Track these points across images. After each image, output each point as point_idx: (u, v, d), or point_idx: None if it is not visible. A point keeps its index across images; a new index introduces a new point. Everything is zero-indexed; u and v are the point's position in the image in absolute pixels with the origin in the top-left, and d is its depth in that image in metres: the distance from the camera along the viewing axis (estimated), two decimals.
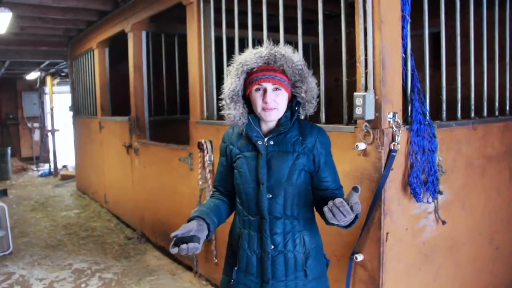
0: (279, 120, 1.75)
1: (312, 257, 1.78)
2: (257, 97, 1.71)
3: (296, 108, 1.76)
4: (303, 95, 1.74)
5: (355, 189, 1.48)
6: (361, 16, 2.24)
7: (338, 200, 1.48)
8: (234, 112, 1.74)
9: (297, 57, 1.75)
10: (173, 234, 1.56)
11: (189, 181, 3.86)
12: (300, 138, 1.75)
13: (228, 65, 1.87)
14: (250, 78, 1.72)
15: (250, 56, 1.73)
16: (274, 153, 1.74)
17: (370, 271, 2.34)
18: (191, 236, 1.59)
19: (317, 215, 1.84)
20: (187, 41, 3.79)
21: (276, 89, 1.70)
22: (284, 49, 1.74)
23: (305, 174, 1.75)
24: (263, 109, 1.70)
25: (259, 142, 1.74)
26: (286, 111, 1.75)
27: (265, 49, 1.74)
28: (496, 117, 3.02)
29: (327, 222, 1.74)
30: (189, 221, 1.69)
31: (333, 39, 2.89)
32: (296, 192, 1.74)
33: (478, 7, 2.92)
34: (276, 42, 1.84)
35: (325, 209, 1.50)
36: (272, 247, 1.74)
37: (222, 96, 1.79)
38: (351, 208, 1.47)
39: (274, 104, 1.69)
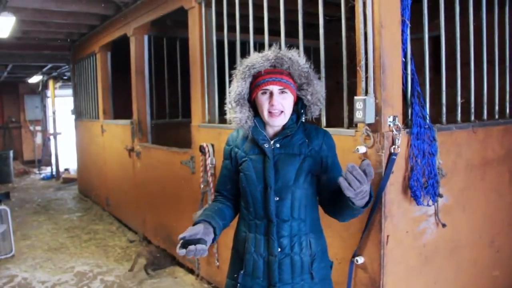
0: (285, 122, 1.76)
1: (318, 260, 1.78)
2: (263, 101, 1.71)
3: (302, 110, 1.77)
4: (309, 97, 1.75)
5: (363, 160, 1.48)
6: (361, 21, 2.26)
7: (349, 165, 1.45)
8: (240, 115, 1.75)
9: (303, 60, 1.77)
10: (180, 236, 1.55)
11: (191, 184, 3.87)
12: (306, 140, 1.75)
13: (230, 69, 1.88)
14: (256, 81, 1.73)
15: (257, 59, 1.74)
16: (281, 156, 1.74)
17: (371, 274, 2.35)
18: (198, 238, 1.58)
19: (323, 217, 1.84)
20: (189, 45, 3.81)
21: (283, 92, 1.71)
22: (290, 53, 1.76)
23: (311, 176, 1.76)
24: (270, 113, 1.71)
25: (266, 145, 1.75)
26: (291, 114, 1.76)
27: (272, 52, 1.75)
28: (496, 120, 3.02)
29: (341, 211, 1.68)
30: (195, 224, 1.68)
31: (334, 42, 2.90)
32: (303, 195, 1.74)
33: (478, 10, 2.93)
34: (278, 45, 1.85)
35: (340, 179, 1.46)
36: (279, 250, 1.73)
37: (227, 100, 1.79)
38: (364, 172, 1.44)
39: (280, 107, 1.70)
